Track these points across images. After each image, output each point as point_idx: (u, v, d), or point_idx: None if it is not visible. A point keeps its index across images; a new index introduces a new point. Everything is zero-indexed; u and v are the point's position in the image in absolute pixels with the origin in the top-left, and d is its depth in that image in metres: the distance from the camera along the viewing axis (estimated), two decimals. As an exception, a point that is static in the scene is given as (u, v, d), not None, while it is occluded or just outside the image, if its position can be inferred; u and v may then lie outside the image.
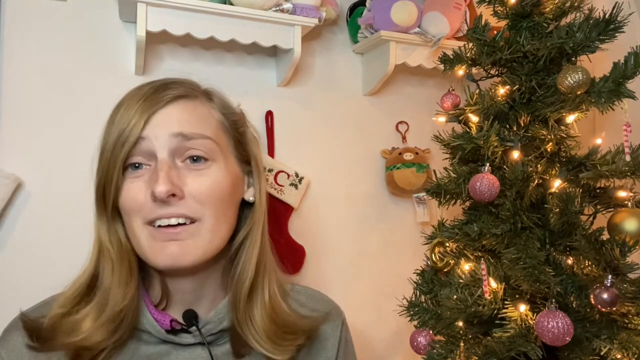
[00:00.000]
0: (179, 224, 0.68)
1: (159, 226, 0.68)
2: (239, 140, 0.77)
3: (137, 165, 0.69)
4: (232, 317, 0.73)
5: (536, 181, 0.96)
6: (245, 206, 0.78)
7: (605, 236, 0.90)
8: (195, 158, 0.70)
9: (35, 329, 0.69)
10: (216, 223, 0.70)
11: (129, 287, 0.70)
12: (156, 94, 0.70)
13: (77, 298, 0.72)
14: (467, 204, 1.06)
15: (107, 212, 0.71)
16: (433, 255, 1.09)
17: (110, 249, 0.71)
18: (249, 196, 0.77)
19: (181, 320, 0.73)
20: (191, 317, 0.72)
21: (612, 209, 0.94)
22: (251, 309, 0.74)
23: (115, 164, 0.68)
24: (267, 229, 0.79)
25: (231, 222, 0.74)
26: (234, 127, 0.76)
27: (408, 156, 1.46)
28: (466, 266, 0.99)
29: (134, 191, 0.68)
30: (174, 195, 0.67)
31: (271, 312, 0.74)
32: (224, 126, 0.74)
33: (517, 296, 0.93)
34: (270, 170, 1.37)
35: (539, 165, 0.97)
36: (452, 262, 1.05)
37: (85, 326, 0.68)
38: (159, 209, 0.67)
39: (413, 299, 1.09)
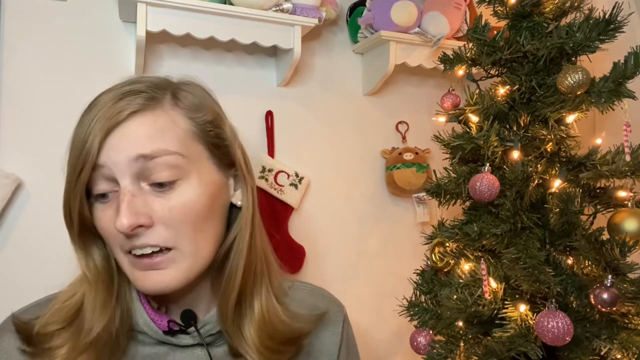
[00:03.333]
0: (154, 252, 0.64)
1: (136, 255, 0.65)
2: (216, 144, 0.70)
3: (104, 195, 0.65)
4: (222, 328, 0.71)
5: (536, 181, 0.96)
6: (234, 208, 0.74)
7: (605, 236, 0.90)
8: (160, 184, 0.64)
9: (28, 332, 0.67)
10: (195, 244, 0.66)
11: (105, 311, 0.67)
12: (113, 108, 0.64)
13: (66, 319, 0.68)
14: (467, 204, 1.06)
15: (75, 236, 0.67)
16: (433, 255, 1.09)
17: (86, 272, 0.69)
18: (237, 200, 0.73)
19: (179, 321, 0.71)
20: (190, 318, 0.70)
21: (612, 209, 0.94)
22: (240, 320, 0.71)
23: (76, 193, 0.64)
24: (263, 231, 0.76)
25: (216, 235, 0.70)
26: (207, 130, 0.69)
27: (408, 156, 1.46)
28: (466, 266, 0.99)
29: (106, 222, 0.65)
30: (141, 225, 0.62)
31: (262, 324, 0.71)
32: (193, 133, 0.67)
33: (517, 296, 0.93)
34: (270, 170, 1.37)
35: (539, 165, 0.97)
36: (452, 262, 1.05)
37: (61, 353, 0.65)
38: (130, 242, 0.63)
39: (413, 299, 1.09)
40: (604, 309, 0.84)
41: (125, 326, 0.69)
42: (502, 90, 1.01)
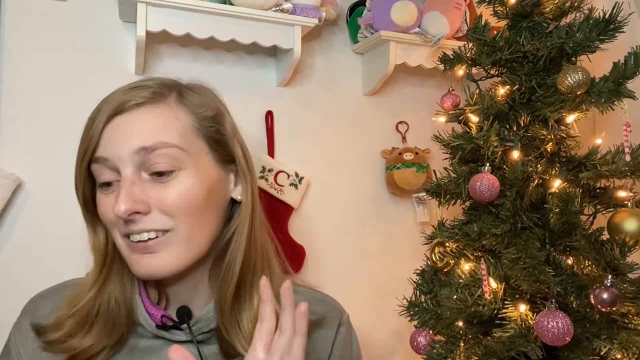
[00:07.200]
0: (150, 239, 0.67)
1: (132, 241, 0.68)
2: (217, 139, 0.73)
3: (108, 183, 0.69)
4: (219, 321, 0.72)
5: (536, 181, 0.96)
6: (236, 205, 0.76)
7: (605, 236, 0.90)
8: (159, 173, 0.68)
9: (44, 328, 0.71)
10: (191, 231, 0.68)
11: (93, 287, 0.72)
12: (119, 99, 0.69)
13: (76, 299, 0.72)
14: (467, 204, 1.06)
15: (88, 216, 0.73)
16: (433, 255, 1.09)
17: (93, 250, 0.74)
18: (237, 195, 0.75)
19: (175, 317, 0.73)
20: (183, 314, 0.72)
21: (612, 209, 0.94)
22: (239, 312, 0.72)
23: (80, 176, 0.70)
24: (265, 231, 0.77)
25: (212, 226, 0.72)
26: (207, 126, 0.72)
27: (408, 156, 1.46)
28: (466, 266, 0.99)
29: (105, 207, 0.69)
30: (138, 212, 0.66)
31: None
32: (194, 128, 0.71)
33: (517, 296, 0.93)
34: (270, 170, 1.37)
35: (539, 165, 0.97)
36: (452, 262, 1.05)
37: (66, 326, 0.70)
38: (128, 226, 0.67)
39: (413, 299, 1.09)
40: (604, 309, 0.84)
41: (126, 315, 0.72)
42: (502, 90, 1.01)
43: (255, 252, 0.75)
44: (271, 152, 1.39)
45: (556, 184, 0.95)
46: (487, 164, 0.95)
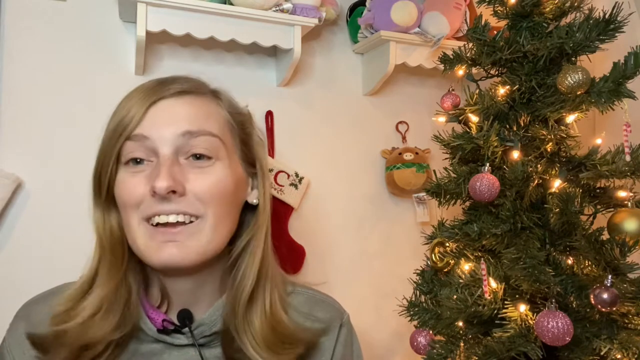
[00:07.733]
0: (177, 223, 0.67)
1: (157, 224, 0.66)
2: (245, 141, 0.75)
3: (138, 160, 0.68)
4: (230, 323, 0.72)
5: (536, 181, 0.96)
6: (247, 210, 0.77)
7: (605, 236, 0.90)
8: (198, 156, 0.68)
9: (39, 337, 0.69)
10: (218, 222, 0.69)
11: (115, 274, 0.70)
12: (161, 86, 0.70)
13: (79, 294, 0.71)
14: (467, 204, 1.06)
15: (102, 201, 0.71)
16: (433, 255, 1.09)
17: (102, 236, 0.71)
18: (253, 199, 0.76)
19: (176, 321, 0.72)
20: (185, 318, 0.71)
21: (612, 209, 0.94)
22: (250, 315, 0.72)
23: (111, 154, 0.68)
24: (270, 234, 0.78)
25: (233, 224, 0.73)
26: (241, 127, 0.75)
27: (408, 156, 1.46)
28: (466, 266, 1.00)
29: (133, 185, 0.67)
30: (174, 192, 0.66)
31: (271, 321, 0.73)
32: (230, 125, 0.73)
33: (517, 296, 0.94)
34: (270, 170, 1.37)
35: (539, 165, 0.97)
36: (452, 262, 1.05)
37: (78, 320, 0.68)
38: (158, 205, 0.66)
39: (413, 299, 1.09)
40: (604, 309, 0.84)
41: (136, 311, 0.71)
42: (502, 90, 1.01)
43: (268, 257, 0.76)
44: (271, 152, 1.39)
45: (556, 184, 0.95)
46: (487, 164, 0.95)
